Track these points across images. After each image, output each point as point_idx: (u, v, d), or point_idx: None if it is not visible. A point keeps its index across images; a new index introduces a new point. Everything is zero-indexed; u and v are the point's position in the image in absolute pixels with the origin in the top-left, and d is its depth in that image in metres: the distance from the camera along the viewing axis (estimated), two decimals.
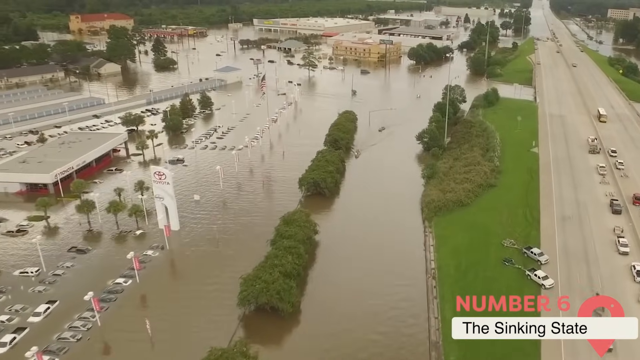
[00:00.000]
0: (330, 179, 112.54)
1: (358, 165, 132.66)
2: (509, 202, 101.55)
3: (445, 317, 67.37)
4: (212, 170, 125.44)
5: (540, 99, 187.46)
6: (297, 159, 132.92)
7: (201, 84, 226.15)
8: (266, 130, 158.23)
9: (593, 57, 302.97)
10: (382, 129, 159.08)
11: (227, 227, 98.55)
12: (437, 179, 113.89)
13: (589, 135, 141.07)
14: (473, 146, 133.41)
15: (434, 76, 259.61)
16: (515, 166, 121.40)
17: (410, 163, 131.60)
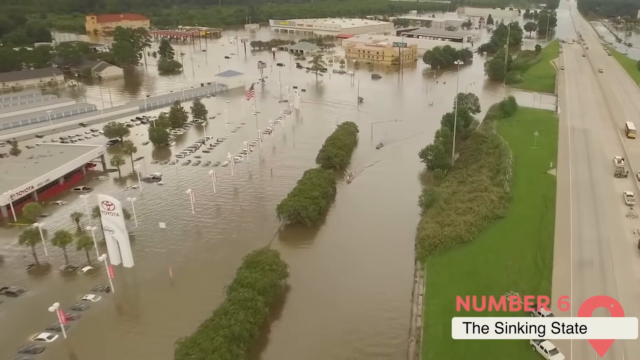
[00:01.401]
0: (313, 207, 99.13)
1: (351, 188, 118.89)
2: (517, 241, 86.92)
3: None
4: None
5: (562, 110, 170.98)
6: (285, 179, 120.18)
7: (202, 89, 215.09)
8: (258, 143, 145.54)
9: (621, 62, 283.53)
10: (380, 145, 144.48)
11: (189, 264, 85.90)
12: (436, 207, 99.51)
13: (615, 155, 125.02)
14: (482, 167, 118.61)
15: (451, 81, 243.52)
16: (528, 192, 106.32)
17: (412, 185, 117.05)
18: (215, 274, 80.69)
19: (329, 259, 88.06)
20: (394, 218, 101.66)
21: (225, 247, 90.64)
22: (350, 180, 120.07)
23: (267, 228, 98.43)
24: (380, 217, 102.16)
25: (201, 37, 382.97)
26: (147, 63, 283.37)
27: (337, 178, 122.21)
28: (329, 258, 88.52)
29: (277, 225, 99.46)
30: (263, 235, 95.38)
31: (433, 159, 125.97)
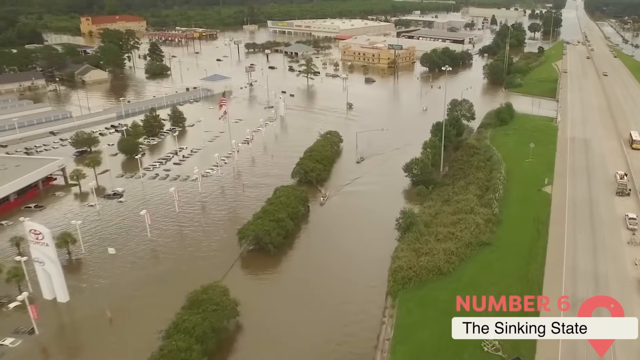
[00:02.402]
0: (278, 231, 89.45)
1: (325, 209, 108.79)
2: (502, 274, 76.91)
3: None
4: (152, 209, 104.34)
5: (562, 117, 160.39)
6: (257, 196, 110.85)
7: (186, 94, 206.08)
8: (234, 154, 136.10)
9: (628, 64, 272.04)
10: (360, 159, 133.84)
11: (132, 300, 76.31)
12: (415, 232, 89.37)
13: (617, 169, 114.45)
14: (470, 183, 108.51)
15: (448, 85, 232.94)
16: (519, 214, 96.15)
17: (393, 205, 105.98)
18: (158, 313, 70.88)
19: (289, 295, 78.19)
20: (368, 245, 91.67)
21: (177, 279, 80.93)
22: (324, 201, 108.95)
23: (227, 255, 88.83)
24: (353, 243, 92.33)
25: (196, 39, 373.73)
26: (135, 66, 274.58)
27: (313, 194, 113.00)
28: (289, 293, 78.65)
29: (239, 251, 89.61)
30: (222, 263, 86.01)
31: (418, 174, 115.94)
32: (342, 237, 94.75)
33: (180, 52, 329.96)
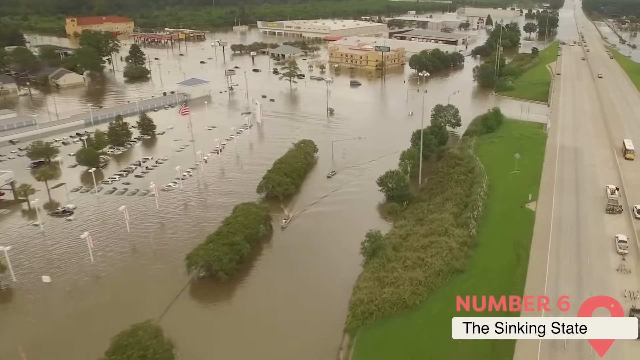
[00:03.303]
0: (231, 256, 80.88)
1: (290, 228, 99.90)
2: None
3: None
4: (101, 228, 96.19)
5: (553, 124, 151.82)
6: (217, 215, 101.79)
7: (162, 99, 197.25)
8: (201, 165, 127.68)
9: (624, 65, 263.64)
10: (332, 173, 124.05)
11: (57, 341, 67.63)
12: (381, 257, 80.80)
13: (608, 183, 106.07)
14: (447, 199, 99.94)
15: (436, 89, 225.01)
16: (498, 235, 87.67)
17: (363, 225, 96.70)
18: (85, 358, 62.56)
19: (236, 331, 69.64)
20: (330, 271, 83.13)
21: (112, 314, 72.23)
22: (286, 224, 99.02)
23: (176, 282, 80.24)
24: (315, 270, 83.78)
25: (182, 40, 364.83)
26: (116, 69, 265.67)
27: (281, 210, 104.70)
28: (237, 329, 70.13)
29: (188, 279, 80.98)
30: (168, 292, 77.52)
31: (393, 188, 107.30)
32: (303, 263, 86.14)
33: (165, 54, 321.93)
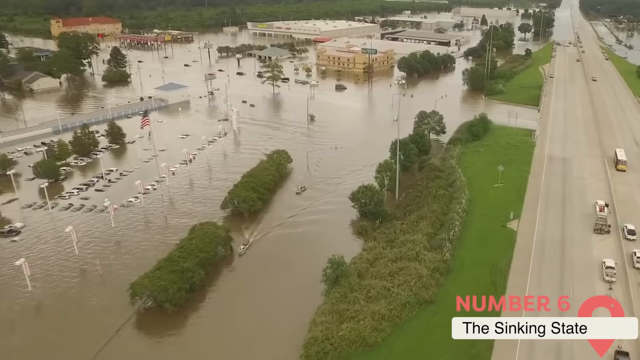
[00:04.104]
0: (180, 285, 73.46)
1: (251, 252, 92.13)
2: (443, 345, 60.89)
3: None
4: (47, 251, 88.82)
5: (542, 131, 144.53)
6: (178, 234, 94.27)
7: (138, 105, 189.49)
8: (166, 178, 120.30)
9: (620, 67, 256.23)
10: (301, 189, 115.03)
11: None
12: (344, 286, 73.30)
13: (598, 198, 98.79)
14: (422, 217, 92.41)
15: (425, 92, 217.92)
16: (475, 259, 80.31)
17: (332, 246, 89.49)
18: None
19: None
20: (289, 302, 75.49)
21: (42, 354, 64.82)
22: (244, 250, 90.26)
23: (120, 314, 72.71)
24: (272, 302, 75.92)
25: (168, 42, 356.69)
26: (97, 72, 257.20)
27: (247, 227, 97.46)
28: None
29: (133, 310, 73.50)
30: (108, 326, 69.99)
31: (368, 204, 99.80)
32: (260, 292, 78.46)
33: (150, 57, 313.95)
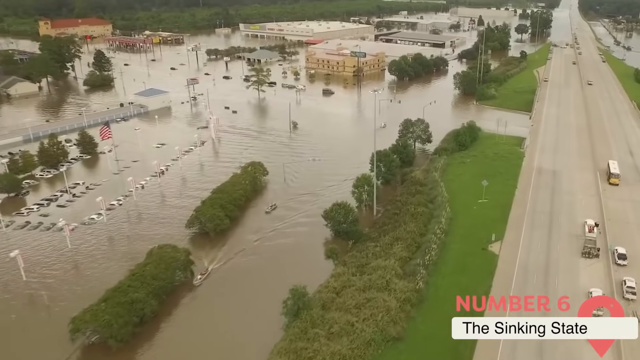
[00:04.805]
0: (125, 319, 67.02)
1: (213, 278, 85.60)
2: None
3: None
4: None
5: (532, 140, 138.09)
6: (137, 256, 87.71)
7: (117, 111, 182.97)
8: (140, 189, 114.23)
9: (617, 70, 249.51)
10: (272, 207, 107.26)
11: None
12: (306, 320, 66.75)
13: (587, 216, 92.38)
14: (398, 239, 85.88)
15: (415, 97, 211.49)
16: (451, 287, 73.77)
17: (299, 273, 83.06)
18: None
19: None
20: (247, 339, 68.98)
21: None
22: (201, 281, 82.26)
23: (61, 351, 66.17)
24: (228, 337, 69.66)
25: (157, 44, 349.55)
26: (80, 76, 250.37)
27: (212, 247, 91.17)
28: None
29: (74, 346, 66.97)
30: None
31: (342, 222, 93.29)
32: (217, 326, 72.16)
33: (137, 59, 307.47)
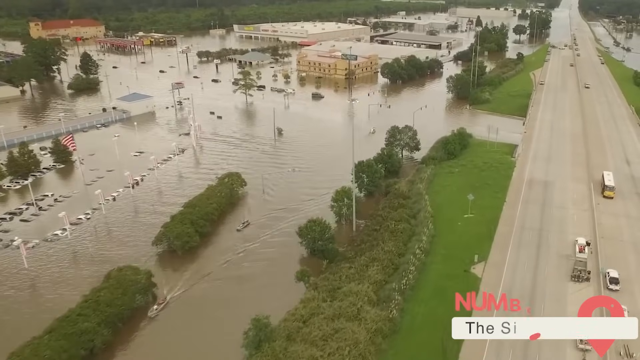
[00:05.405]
0: (67, 354, 61.80)
1: (174, 305, 79.86)
2: None
3: None
4: None
5: (525, 148, 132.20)
6: (93, 279, 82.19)
7: (98, 117, 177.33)
8: (111, 201, 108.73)
9: (615, 72, 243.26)
10: (244, 224, 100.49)
11: None
12: (267, 353, 60.99)
13: (579, 233, 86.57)
14: (374, 259, 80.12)
15: (407, 101, 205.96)
16: (428, 315, 68.25)
17: (268, 299, 77.61)
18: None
19: None
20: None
21: None
22: (156, 312, 75.00)
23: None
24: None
25: (149, 46, 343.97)
26: (66, 80, 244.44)
27: (180, 265, 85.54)
28: None
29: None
30: None
31: (317, 240, 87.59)
32: (174, 357, 66.30)
33: (127, 62, 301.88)
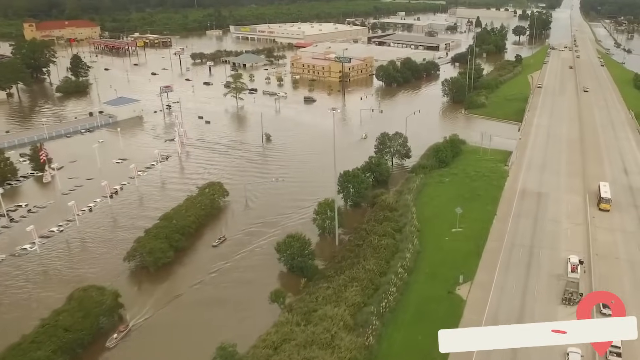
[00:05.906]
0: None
1: (139, 331, 75.35)
2: None
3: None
4: None
5: (519, 156, 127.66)
6: (57, 299, 77.77)
7: (83, 122, 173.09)
8: (76, 219, 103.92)
9: (615, 75, 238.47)
10: (220, 240, 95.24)
11: None
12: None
13: (572, 251, 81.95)
14: (354, 279, 75.56)
15: (401, 105, 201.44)
16: (407, 342, 63.82)
17: (240, 324, 73.26)
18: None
19: None
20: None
21: None
22: (116, 342, 68.51)
23: None
24: None
25: (143, 47, 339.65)
26: (54, 82, 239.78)
27: (150, 284, 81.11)
28: None
29: None
30: None
31: (296, 256, 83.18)
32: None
33: (120, 64, 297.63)
